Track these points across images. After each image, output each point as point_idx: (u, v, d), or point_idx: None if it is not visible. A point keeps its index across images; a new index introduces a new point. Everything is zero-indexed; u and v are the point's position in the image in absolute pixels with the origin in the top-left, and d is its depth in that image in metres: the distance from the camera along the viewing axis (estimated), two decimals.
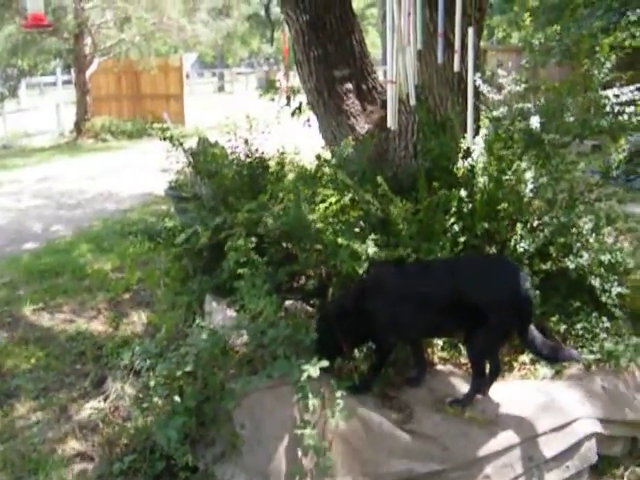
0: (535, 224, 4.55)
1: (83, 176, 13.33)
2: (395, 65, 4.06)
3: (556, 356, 3.82)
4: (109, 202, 11.15)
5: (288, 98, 6.20)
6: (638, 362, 4.12)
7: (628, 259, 4.47)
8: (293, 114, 6.15)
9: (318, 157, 4.92)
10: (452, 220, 4.37)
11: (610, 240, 4.60)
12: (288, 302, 4.36)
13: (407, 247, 4.17)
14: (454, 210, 4.40)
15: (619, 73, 4.78)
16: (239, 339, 3.88)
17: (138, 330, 5.62)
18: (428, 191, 4.47)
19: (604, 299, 4.25)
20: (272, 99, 6.19)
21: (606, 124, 4.63)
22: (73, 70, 19.72)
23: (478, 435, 3.50)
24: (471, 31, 4.17)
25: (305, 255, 4.33)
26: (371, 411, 3.57)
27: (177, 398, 3.43)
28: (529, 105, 4.82)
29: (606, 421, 3.77)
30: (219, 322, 4.10)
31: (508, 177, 4.47)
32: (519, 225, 4.38)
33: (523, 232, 4.35)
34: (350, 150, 4.84)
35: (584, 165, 4.75)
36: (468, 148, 4.65)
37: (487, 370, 3.78)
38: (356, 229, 4.31)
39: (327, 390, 3.44)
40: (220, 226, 4.31)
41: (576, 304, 4.32)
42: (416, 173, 4.67)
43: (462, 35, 4.22)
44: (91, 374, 4.87)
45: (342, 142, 4.90)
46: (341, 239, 4.06)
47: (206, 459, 3.50)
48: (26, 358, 5.15)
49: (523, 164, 4.53)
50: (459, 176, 4.57)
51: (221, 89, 40.68)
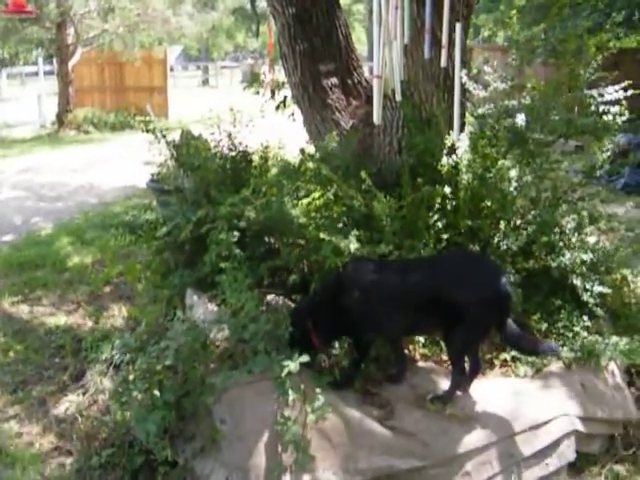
0: (518, 222, 4.56)
1: (65, 168, 13.21)
2: (381, 60, 4.03)
3: (535, 349, 3.82)
4: (90, 194, 11.05)
5: (272, 92, 6.16)
6: (618, 361, 4.15)
7: (609, 259, 4.50)
8: (277, 108, 6.12)
9: (302, 151, 4.90)
10: (436, 217, 4.37)
11: (592, 239, 4.62)
12: (270, 297, 4.33)
13: (390, 243, 4.16)
14: (438, 207, 4.39)
15: (604, 73, 4.79)
16: (220, 333, 3.85)
17: (118, 324, 5.58)
18: (412, 187, 4.46)
19: (585, 298, 4.27)
20: (256, 92, 6.15)
21: (591, 124, 4.64)
22: (55, 60, 19.46)
23: (458, 432, 3.51)
24: (459, 27, 4.16)
25: (287, 250, 4.30)
26: (352, 407, 3.57)
27: (157, 392, 3.41)
28: (514, 103, 4.82)
29: (585, 419, 3.79)
30: (200, 316, 4.07)
31: (492, 175, 4.47)
32: (502, 223, 4.39)
33: (506, 230, 4.36)
34: (334, 145, 4.82)
35: (568, 164, 4.78)
36: (453, 145, 4.65)
37: (467, 367, 3.78)
38: (339, 224, 4.29)
39: (308, 386, 3.43)
40: (202, 220, 4.27)
41: (557, 302, 4.33)
42: (400, 169, 4.66)
43: (449, 31, 4.21)
44: (70, 368, 4.84)
45: (326, 137, 4.88)
46: (324, 234, 4.04)
47: (186, 454, 3.48)
48: (4, 351, 5.10)
49: (507, 162, 4.54)
50: (443, 173, 4.57)
51: (205, 83, 40.45)
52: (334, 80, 5.49)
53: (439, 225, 4.36)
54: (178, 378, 3.52)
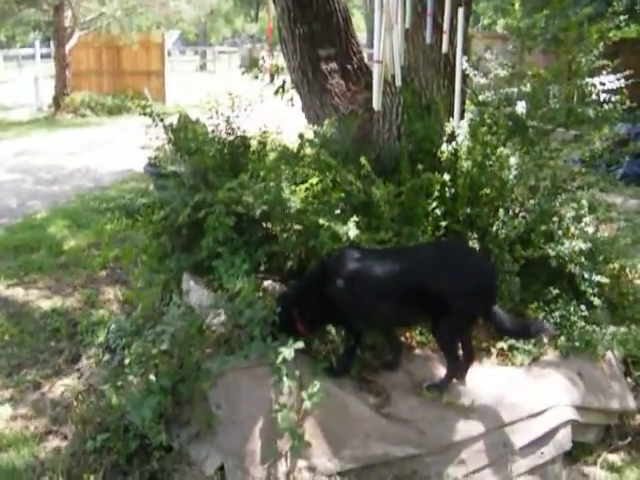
0: (517, 211, 4.54)
1: (61, 151, 13.15)
2: (382, 44, 3.99)
3: (527, 332, 3.80)
4: (87, 178, 11.01)
5: (271, 76, 6.11)
6: (615, 351, 4.15)
7: (608, 248, 4.49)
8: (276, 93, 6.06)
9: (301, 137, 4.86)
10: (434, 204, 4.35)
11: (591, 229, 4.60)
12: (267, 282, 4.32)
13: (389, 230, 4.14)
14: (436, 194, 4.37)
15: (605, 61, 4.76)
16: (216, 319, 3.84)
17: (114, 308, 5.56)
18: (411, 174, 4.43)
19: (583, 287, 4.27)
20: (255, 77, 6.09)
21: (591, 112, 4.62)
22: (52, 43, 19.36)
23: (455, 420, 3.50)
24: (461, 12, 4.12)
25: (285, 235, 4.28)
26: (348, 394, 3.56)
27: (152, 377, 3.40)
28: (515, 90, 4.79)
29: (582, 408, 3.79)
30: (196, 301, 4.06)
31: (492, 162, 4.45)
32: (501, 211, 4.37)
33: (505, 218, 4.34)
34: (333, 130, 4.79)
35: (567, 153, 4.75)
36: (453, 132, 4.62)
37: (462, 355, 3.76)
38: (337, 210, 4.27)
39: (304, 372, 3.42)
40: (200, 204, 4.24)
41: (555, 292, 4.32)
42: (399, 155, 4.63)
43: (451, 16, 4.17)
44: (65, 351, 4.82)
45: (325, 122, 4.84)
46: (322, 220, 4.01)
47: (181, 439, 3.47)
48: None
49: (507, 150, 4.51)
50: (442, 160, 4.54)
51: (203, 68, 40.20)
52: (333, 65, 5.45)
53: (438, 212, 4.34)
54: (174, 363, 3.51)
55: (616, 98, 4.60)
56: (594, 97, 4.66)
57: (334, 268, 3.71)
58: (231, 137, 4.85)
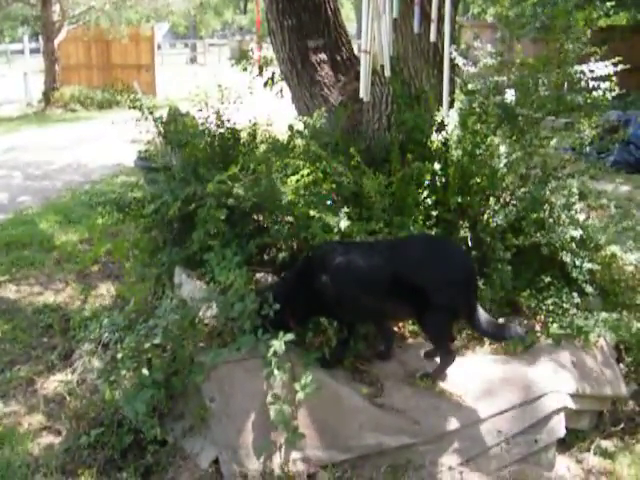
0: (508, 199, 4.55)
1: (51, 146, 13.09)
2: (369, 34, 3.98)
3: (503, 335, 3.79)
4: (78, 173, 10.97)
5: (261, 68, 6.09)
6: (607, 337, 4.16)
7: (599, 235, 4.49)
8: (266, 85, 6.05)
9: (290, 128, 4.85)
10: (425, 193, 4.35)
11: (582, 216, 4.61)
12: (259, 275, 4.31)
13: (380, 220, 4.14)
14: (427, 183, 4.37)
15: (594, 48, 4.75)
16: (209, 312, 3.83)
17: (106, 303, 5.56)
18: (401, 164, 4.43)
19: (575, 275, 4.27)
20: (245, 69, 6.07)
21: (581, 100, 4.62)
22: (41, 38, 19.23)
23: (448, 409, 3.51)
24: (449, 1, 4.10)
25: (276, 227, 4.28)
26: (341, 385, 3.56)
27: (145, 371, 3.40)
28: (504, 79, 4.79)
29: (575, 395, 3.80)
30: (189, 294, 4.05)
31: (482, 151, 4.45)
32: (492, 199, 4.38)
33: (496, 206, 4.35)
34: (323, 121, 4.78)
35: (557, 141, 4.75)
36: (442, 121, 4.61)
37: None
38: (328, 202, 4.26)
39: (296, 363, 3.42)
40: (190, 197, 4.23)
41: (547, 279, 4.33)
42: (390, 145, 4.63)
43: (439, 5, 4.16)
44: (58, 347, 4.81)
45: (315, 113, 4.83)
46: (313, 211, 4.01)
47: (175, 433, 3.48)
48: None
49: (497, 139, 4.52)
50: (433, 149, 4.54)
51: (193, 60, 40.03)
52: (323, 56, 5.43)
53: (428, 202, 4.34)
54: (167, 356, 3.51)
55: (605, 85, 4.59)
56: (583, 84, 4.66)
57: (317, 263, 3.73)
58: (221, 130, 4.83)
